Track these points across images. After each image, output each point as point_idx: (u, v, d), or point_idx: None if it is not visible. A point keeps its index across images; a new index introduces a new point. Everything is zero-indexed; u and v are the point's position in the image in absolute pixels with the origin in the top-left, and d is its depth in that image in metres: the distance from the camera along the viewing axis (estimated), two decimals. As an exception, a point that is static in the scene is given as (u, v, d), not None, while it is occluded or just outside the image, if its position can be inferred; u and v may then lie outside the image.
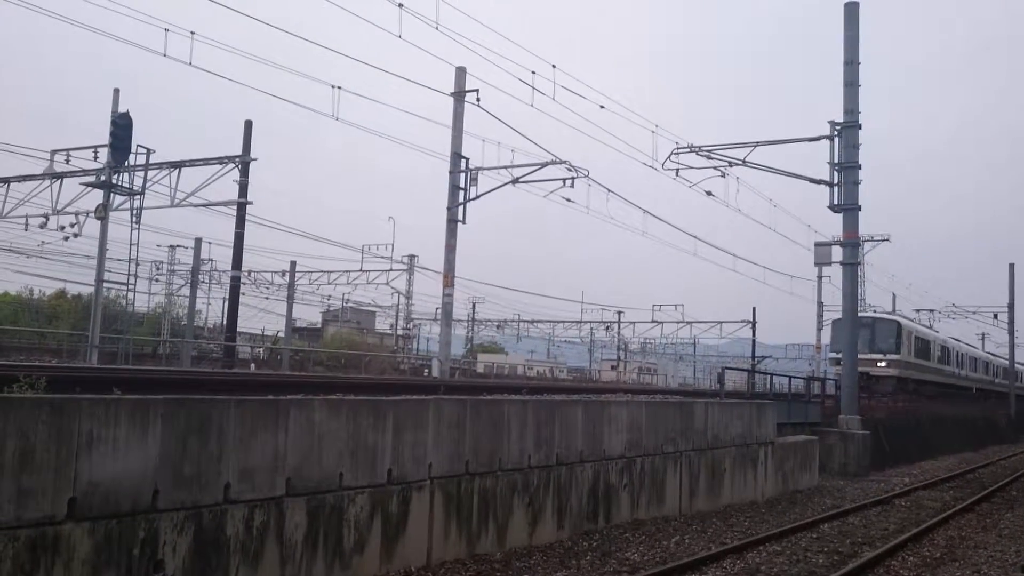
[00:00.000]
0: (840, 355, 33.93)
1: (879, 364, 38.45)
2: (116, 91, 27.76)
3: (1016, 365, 72.07)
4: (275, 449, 8.10)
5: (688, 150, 27.41)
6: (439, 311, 30.91)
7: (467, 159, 26.85)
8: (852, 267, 26.53)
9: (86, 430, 6.53)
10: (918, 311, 64.50)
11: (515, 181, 27.87)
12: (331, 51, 20.37)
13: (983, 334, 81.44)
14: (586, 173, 28.26)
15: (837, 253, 27.73)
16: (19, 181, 30.69)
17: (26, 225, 31.55)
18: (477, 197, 27.09)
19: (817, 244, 30.87)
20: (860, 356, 34.02)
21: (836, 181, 25.67)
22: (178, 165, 28.42)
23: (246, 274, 46.66)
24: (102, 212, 27.44)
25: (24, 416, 6.19)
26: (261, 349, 56.92)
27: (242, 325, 49.53)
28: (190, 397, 7.61)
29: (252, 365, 43.40)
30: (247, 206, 32.42)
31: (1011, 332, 65.03)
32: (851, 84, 25.40)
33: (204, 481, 7.41)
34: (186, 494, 7.25)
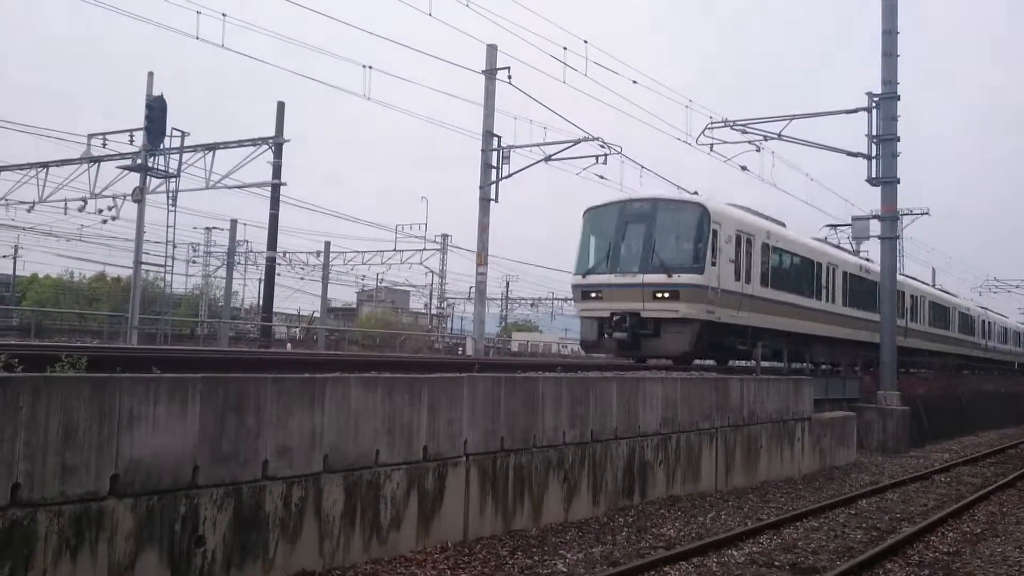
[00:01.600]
0: (585, 280, 20.59)
1: (660, 296, 19.34)
2: (150, 75, 27.98)
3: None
4: (312, 426, 8.18)
5: (722, 124, 27.15)
6: (473, 290, 31.01)
7: (499, 137, 26.77)
8: (891, 241, 26.16)
9: (127, 408, 6.64)
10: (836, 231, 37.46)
11: (548, 159, 27.75)
12: (362, 31, 20.42)
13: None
14: (619, 149, 28.07)
15: (875, 227, 27.37)
16: (57, 165, 31.16)
17: (65, 209, 32.09)
18: (510, 175, 27.04)
19: (855, 218, 30.50)
20: (621, 280, 19.79)
21: (874, 154, 25.30)
22: (212, 147, 28.66)
23: (281, 255, 47.08)
24: (139, 195, 27.79)
25: (67, 394, 6.30)
26: (297, 329, 57.53)
27: (278, 305, 50.08)
28: (228, 375, 7.70)
29: (288, 345, 43.84)
30: (281, 187, 32.59)
31: (1054, 306, 63.67)
32: (890, 55, 24.93)
33: (243, 458, 7.51)
34: (225, 471, 7.35)
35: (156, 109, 27.24)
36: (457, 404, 9.94)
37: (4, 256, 56.94)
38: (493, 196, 26.53)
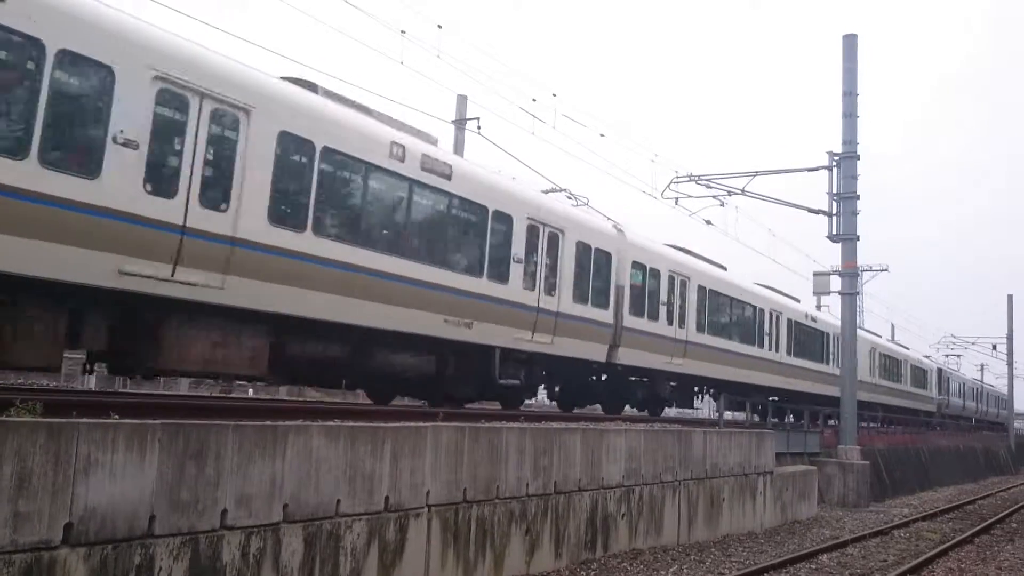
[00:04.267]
0: None
1: None
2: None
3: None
4: (272, 475, 8.07)
5: (687, 179, 27.52)
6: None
7: (467, 186, 26.82)
8: (851, 297, 26.56)
9: (83, 454, 6.52)
10: None
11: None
12: (334, 77, 20.57)
13: (982, 365, 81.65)
14: (586, 201, 28.33)
15: (836, 283, 27.78)
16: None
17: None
18: (477, 224, 27.08)
19: (816, 274, 30.90)
20: None
21: (835, 211, 25.79)
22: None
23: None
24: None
25: (21, 440, 6.18)
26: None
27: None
28: (188, 422, 7.60)
29: (250, 390, 43.21)
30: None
31: (1010, 363, 65.11)
32: (849, 115, 25.55)
33: (201, 507, 7.38)
34: (183, 520, 7.22)
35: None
36: (420, 454, 9.88)
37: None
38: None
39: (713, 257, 24.31)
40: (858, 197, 25.60)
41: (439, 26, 19.73)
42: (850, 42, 25.86)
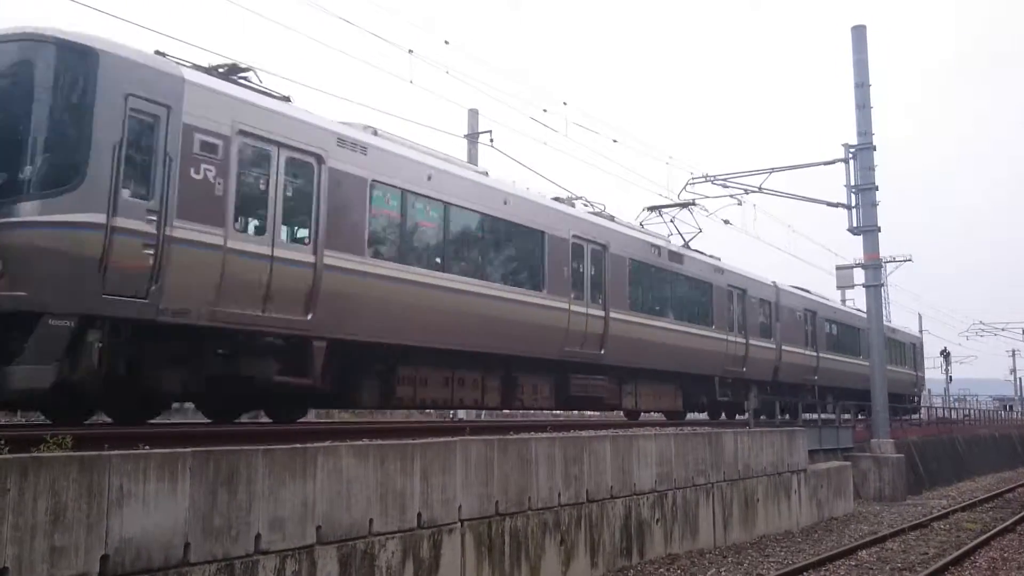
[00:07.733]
0: None
1: None
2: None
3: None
4: (304, 497, 8.08)
5: (703, 179, 27.45)
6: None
7: (483, 200, 26.91)
8: (875, 289, 26.34)
9: (116, 486, 6.55)
10: None
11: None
12: (342, 99, 20.64)
13: (1013, 351, 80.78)
14: (602, 207, 28.34)
15: (859, 276, 27.58)
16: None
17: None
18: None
19: (839, 267, 30.67)
20: None
21: (854, 204, 25.61)
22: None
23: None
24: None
25: (55, 474, 6.22)
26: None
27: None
28: (218, 448, 7.62)
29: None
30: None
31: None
32: (863, 107, 25.41)
33: (235, 533, 7.39)
34: (217, 546, 7.23)
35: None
36: (450, 469, 9.85)
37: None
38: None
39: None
40: (876, 188, 25.42)
41: (446, 42, 19.83)
42: (859, 33, 25.73)
